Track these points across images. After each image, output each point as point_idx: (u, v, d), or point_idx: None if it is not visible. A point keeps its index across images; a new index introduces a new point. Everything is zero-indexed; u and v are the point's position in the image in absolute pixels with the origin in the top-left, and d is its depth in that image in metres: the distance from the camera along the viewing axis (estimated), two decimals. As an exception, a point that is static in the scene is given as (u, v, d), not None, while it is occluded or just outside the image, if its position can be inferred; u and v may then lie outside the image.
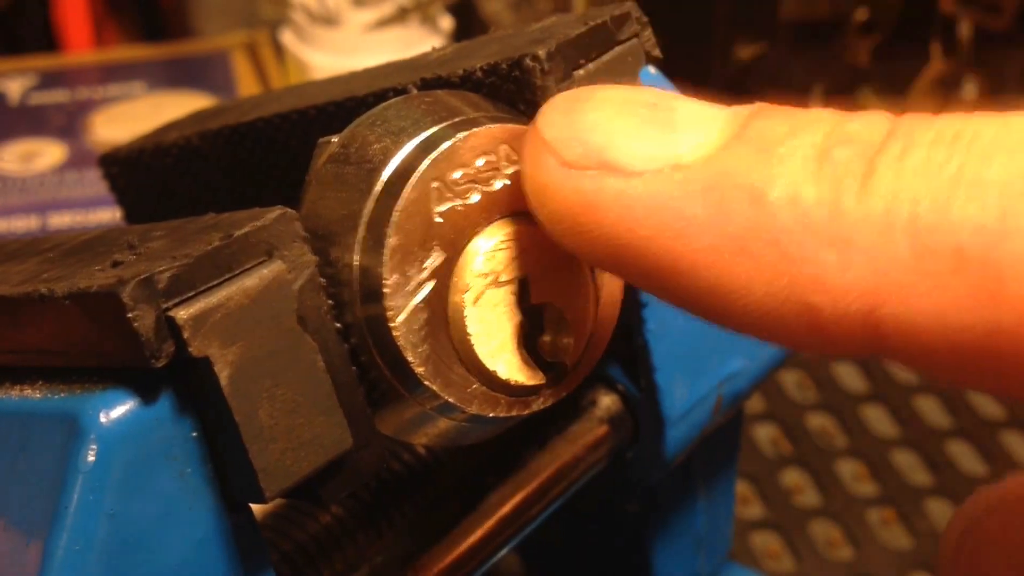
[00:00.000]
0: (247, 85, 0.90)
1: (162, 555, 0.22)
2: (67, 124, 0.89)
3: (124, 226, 0.29)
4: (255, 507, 0.25)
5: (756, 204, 0.20)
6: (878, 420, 0.68)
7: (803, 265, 0.19)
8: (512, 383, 0.26)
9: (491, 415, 0.26)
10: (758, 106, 0.21)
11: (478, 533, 0.34)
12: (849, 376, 0.71)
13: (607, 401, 0.37)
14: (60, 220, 0.82)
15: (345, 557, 0.33)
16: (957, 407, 0.69)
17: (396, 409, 0.26)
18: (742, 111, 0.21)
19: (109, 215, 0.81)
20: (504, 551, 0.35)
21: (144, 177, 0.40)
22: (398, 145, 0.26)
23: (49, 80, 0.95)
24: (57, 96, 0.93)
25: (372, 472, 0.25)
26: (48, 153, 0.87)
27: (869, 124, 0.20)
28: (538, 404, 0.27)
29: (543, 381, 0.27)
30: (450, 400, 0.25)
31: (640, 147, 0.21)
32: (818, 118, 0.20)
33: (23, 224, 0.81)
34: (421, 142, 0.26)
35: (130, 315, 0.21)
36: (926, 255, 0.18)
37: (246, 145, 0.36)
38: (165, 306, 0.22)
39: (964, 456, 0.66)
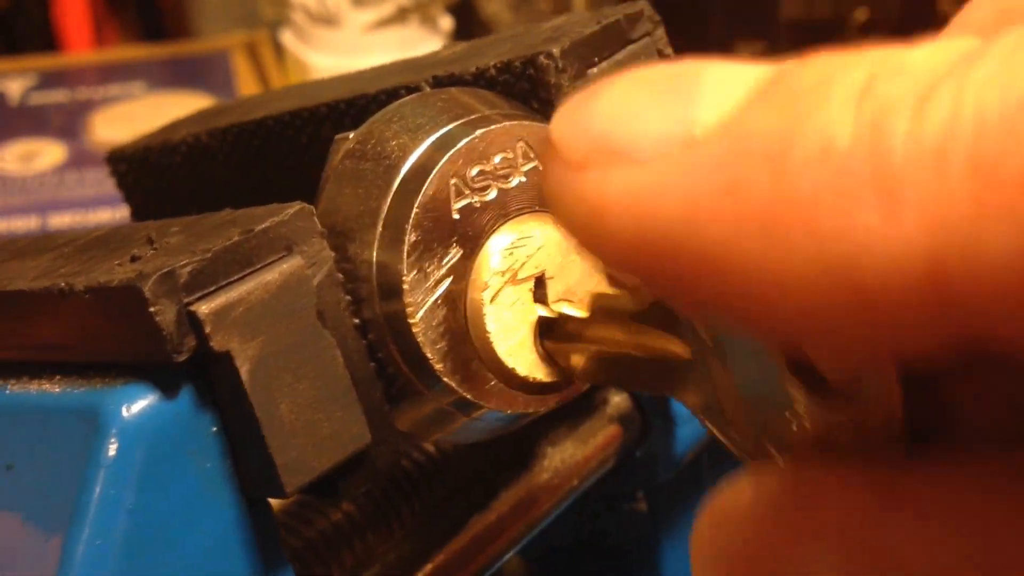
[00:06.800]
0: (247, 85, 0.90)
1: (182, 549, 0.22)
2: (67, 124, 0.89)
3: (137, 223, 0.29)
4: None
5: (778, 169, 0.16)
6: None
7: (838, 237, 0.15)
8: (530, 380, 0.26)
9: (509, 412, 0.26)
10: (803, 56, 0.17)
11: (488, 531, 0.34)
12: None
13: (617, 399, 0.37)
14: (60, 220, 0.81)
15: (355, 554, 0.33)
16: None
17: (413, 405, 0.26)
18: (782, 63, 0.17)
19: (109, 215, 0.81)
20: (514, 549, 0.35)
21: (152, 175, 0.40)
22: (416, 142, 0.26)
23: (49, 80, 0.94)
24: (57, 96, 0.93)
25: (389, 468, 0.25)
26: (48, 153, 0.87)
27: (938, 50, 0.16)
28: (554, 401, 0.27)
29: (560, 378, 0.27)
30: (468, 397, 0.25)
31: (650, 127, 0.17)
32: (865, 54, 0.16)
33: (23, 224, 0.81)
34: (438, 139, 0.26)
35: (152, 309, 0.21)
36: (994, 187, 0.14)
37: (255, 143, 0.36)
38: (186, 300, 0.22)
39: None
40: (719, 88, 0.17)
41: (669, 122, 0.17)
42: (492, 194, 0.26)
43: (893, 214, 0.15)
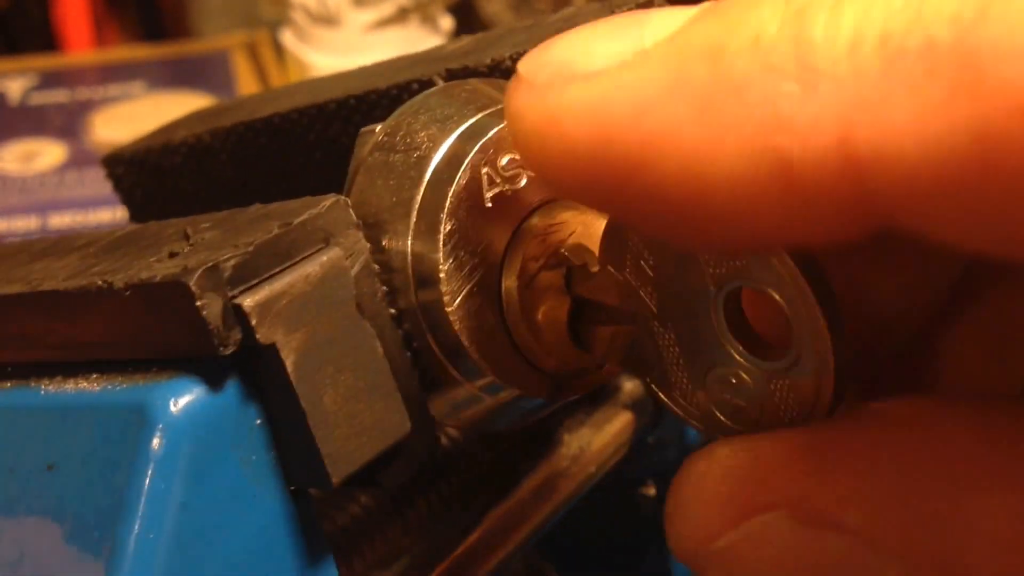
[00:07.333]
0: (247, 85, 0.91)
1: (229, 542, 0.23)
2: (67, 124, 0.90)
3: (161, 222, 0.29)
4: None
5: (715, 60, 0.18)
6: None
7: (765, 107, 0.17)
8: (564, 366, 0.26)
9: (542, 398, 0.26)
10: None
11: (510, 519, 0.34)
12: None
13: (630, 386, 0.37)
14: (60, 220, 0.81)
15: (375, 548, 0.33)
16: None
17: (447, 393, 0.26)
18: None
19: (109, 215, 0.81)
20: (537, 536, 0.35)
21: (152, 176, 0.40)
22: (445, 133, 0.26)
23: (49, 80, 0.95)
24: (57, 96, 0.93)
25: (426, 456, 0.25)
26: (48, 153, 0.87)
27: None
28: (586, 387, 0.27)
29: (592, 364, 0.27)
30: (503, 384, 0.26)
31: (605, 47, 0.19)
32: None
33: (23, 224, 0.81)
34: (467, 129, 0.26)
35: (198, 303, 0.21)
36: (896, 60, 0.16)
37: (261, 141, 0.36)
38: (231, 294, 0.22)
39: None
40: (667, 17, 0.19)
41: (621, 43, 0.19)
42: (523, 182, 0.26)
43: (810, 84, 0.17)
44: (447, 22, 0.87)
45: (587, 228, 0.26)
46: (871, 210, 0.17)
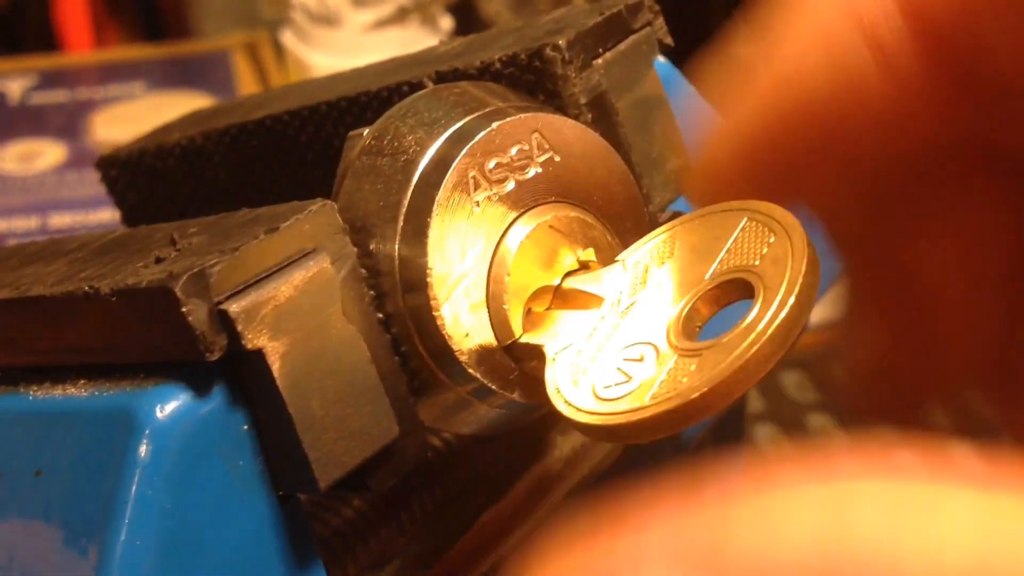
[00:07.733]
0: (247, 85, 0.90)
1: (217, 548, 0.23)
2: (67, 124, 0.89)
3: (149, 225, 0.29)
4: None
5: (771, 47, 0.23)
6: (878, 418, 0.68)
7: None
8: None
9: (533, 401, 0.26)
10: None
11: (502, 523, 0.34)
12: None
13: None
14: (60, 220, 0.81)
15: (368, 551, 0.33)
16: (959, 408, 0.69)
17: (437, 397, 0.26)
18: None
19: (109, 215, 0.80)
20: (530, 540, 0.35)
21: (145, 179, 0.40)
22: (433, 136, 0.26)
23: (49, 80, 0.94)
24: (57, 96, 0.93)
25: (416, 460, 0.25)
26: (48, 153, 0.87)
27: None
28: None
29: None
30: (493, 388, 0.26)
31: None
32: None
33: (23, 224, 0.81)
34: (455, 132, 0.26)
35: (184, 309, 0.21)
36: None
37: (253, 143, 0.36)
38: (217, 299, 0.22)
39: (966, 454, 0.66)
40: None
41: None
42: (510, 186, 0.26)
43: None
44: (447, 22, 0.87)
45: (579, 227, 0.26)
46: (951, 69, 0.20)
